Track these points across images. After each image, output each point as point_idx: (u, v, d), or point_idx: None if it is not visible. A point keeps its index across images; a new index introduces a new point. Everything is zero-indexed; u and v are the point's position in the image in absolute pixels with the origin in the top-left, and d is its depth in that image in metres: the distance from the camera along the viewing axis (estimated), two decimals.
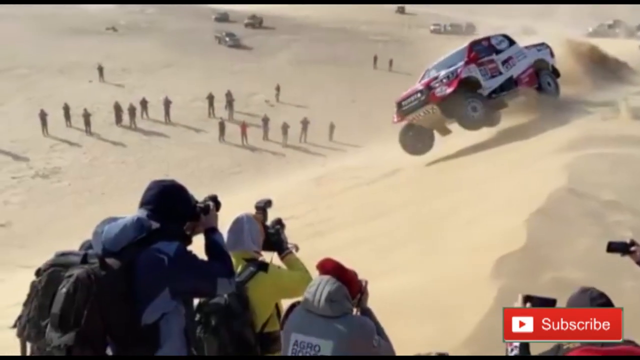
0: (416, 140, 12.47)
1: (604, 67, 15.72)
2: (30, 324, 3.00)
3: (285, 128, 24.85)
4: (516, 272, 3.83)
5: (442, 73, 11.77)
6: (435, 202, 7.45)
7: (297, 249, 3.15)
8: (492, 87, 11.69)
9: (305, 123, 25.14)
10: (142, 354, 2.26)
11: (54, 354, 2.14)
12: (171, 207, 2.45)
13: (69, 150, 22.07)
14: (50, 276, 3.37)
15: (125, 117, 25.14)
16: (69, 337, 2.09)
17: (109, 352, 2.21)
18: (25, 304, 3.36)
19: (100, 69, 30.17)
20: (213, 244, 2.47)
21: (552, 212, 4.78)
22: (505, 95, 11.84)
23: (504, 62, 12.02)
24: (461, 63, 11.78)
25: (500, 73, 11.88)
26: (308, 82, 30.58)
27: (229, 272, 2.44)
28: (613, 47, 18.07)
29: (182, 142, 24.17)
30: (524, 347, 2.05)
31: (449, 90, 11.31)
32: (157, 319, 2.27)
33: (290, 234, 3.19)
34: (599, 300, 2.02)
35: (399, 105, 12.33)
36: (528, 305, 2.11)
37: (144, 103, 26.00)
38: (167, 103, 26.01)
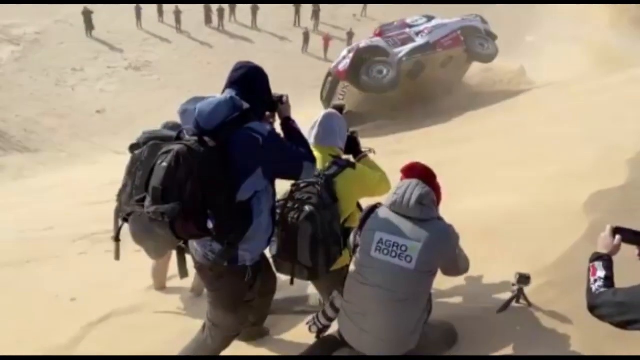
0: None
1: None
2: (137, 192, 3.26)
3: None
4: (612, 209, 3.60)
5: (345, 52, 12.27)
6: (529, 130, 7.12)
7: (374, 152, 3.15)
8: (402, 52, 11.74)
9: None
10: (237, 229, 2.36)
11: (155, 226, 2.22)
12: (258, 88, 2.49)
13: (160, 46, 22.74)
14: (151, 148, 3.60)
15: (214, 19, 25.34)
16: (172, 208, 2.14)
17: (210, 225, 2.28)
18: (129, 174, 3.64)
19: None
20: (294, 130, 2.53)
21: None
22: (421, 56, 11.97)
23: (418, 32, 12.21)
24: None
25: (414, 41, 11.99)
26: None
27: (312, 157, 2.51)
28: None
29: (266, 49, 24.12)
30: (608, 279, 1.94)
31: (349, 59, 11.66)
32: (250, 196, 2.38)
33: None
34: None
35: (321, 97, 12.71)
36: (617, 237, 1.97)
37: (232, 6, 25.94)
38: (255, 8, 25.79)
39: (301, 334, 2.97)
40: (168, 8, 24.35)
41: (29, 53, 19.76)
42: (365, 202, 2.90)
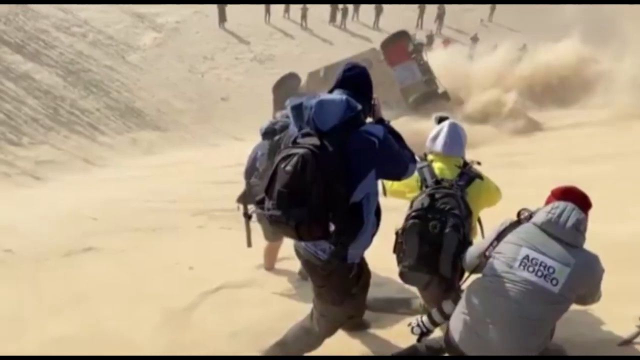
0: None
1: None
2: None
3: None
4: None
5: None
6: None
7: (478, 163, 3.07)
8: None
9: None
10: (350, 230, 2.38)
11: (276, 227, 2.29)
12: (366, 90, 2.52)
13: (284, 40, 23.65)
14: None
15: (339, 17, 25.82)
16: (301, 212, 2.19)
17: (332, 227, 2.30)
18: (269, 159, 3.90)
19: None
20: (393, 132, 2.50)
21: None
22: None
23: None
24: None
25: None
26: (528, 5, 27.34)
27: (414, 159, 2.51)
28: None
29: None
30: None
31: None
32: (362, 198, 2.39)
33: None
34: None
35: None
36: None
37: (356, 5, 26.23)
38: (379, 8, 25.85)
39: (400, 333, 2.99)
40: (295, 5, 25.23)
41: (169, 40, 21.55)
42: None
